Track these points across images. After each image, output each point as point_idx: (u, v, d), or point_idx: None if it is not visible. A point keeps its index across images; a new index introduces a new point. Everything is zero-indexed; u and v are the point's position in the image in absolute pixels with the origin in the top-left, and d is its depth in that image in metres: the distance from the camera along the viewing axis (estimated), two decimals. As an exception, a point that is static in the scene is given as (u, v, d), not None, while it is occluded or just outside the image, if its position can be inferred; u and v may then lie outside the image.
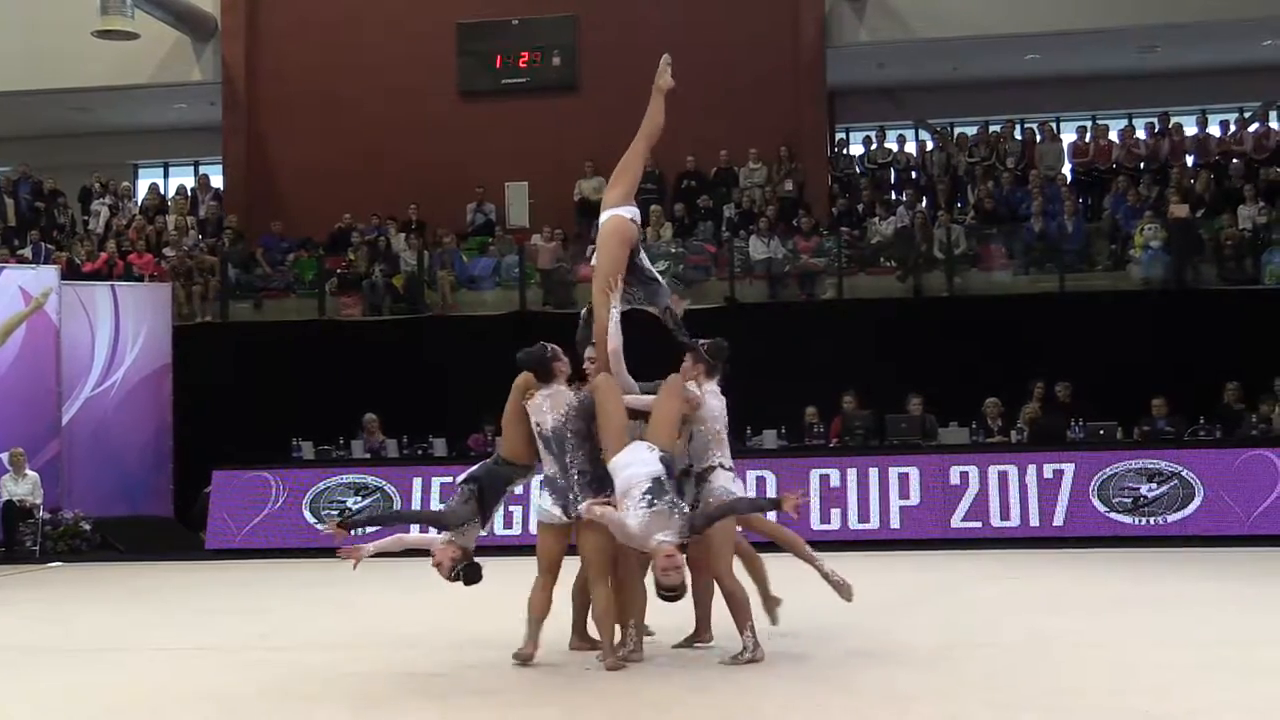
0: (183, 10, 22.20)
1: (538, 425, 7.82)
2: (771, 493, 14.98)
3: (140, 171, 26.31)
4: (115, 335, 18.22)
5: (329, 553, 15.63)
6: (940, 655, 7.92)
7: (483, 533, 8.11)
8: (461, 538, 7.90)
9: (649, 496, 7.26)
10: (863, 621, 9.07)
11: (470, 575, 7.85)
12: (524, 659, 7.74)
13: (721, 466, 7.84)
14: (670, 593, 7.27)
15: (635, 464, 7.41)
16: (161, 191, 23.57)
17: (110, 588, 13.52)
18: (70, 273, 19.06)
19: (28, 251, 20.69)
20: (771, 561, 8.64)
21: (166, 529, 17.71)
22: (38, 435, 17.24)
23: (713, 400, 7.91)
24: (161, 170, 26.27)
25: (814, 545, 14.42)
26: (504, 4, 22.26)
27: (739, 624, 7.70)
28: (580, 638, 8.21)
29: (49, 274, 18.13)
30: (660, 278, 8.42)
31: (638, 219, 8.39)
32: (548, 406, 7.79)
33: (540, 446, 7.86)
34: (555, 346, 7.99)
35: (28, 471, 16.64)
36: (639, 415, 7.80)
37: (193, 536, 17.09)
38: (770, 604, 8.46)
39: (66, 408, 17.73)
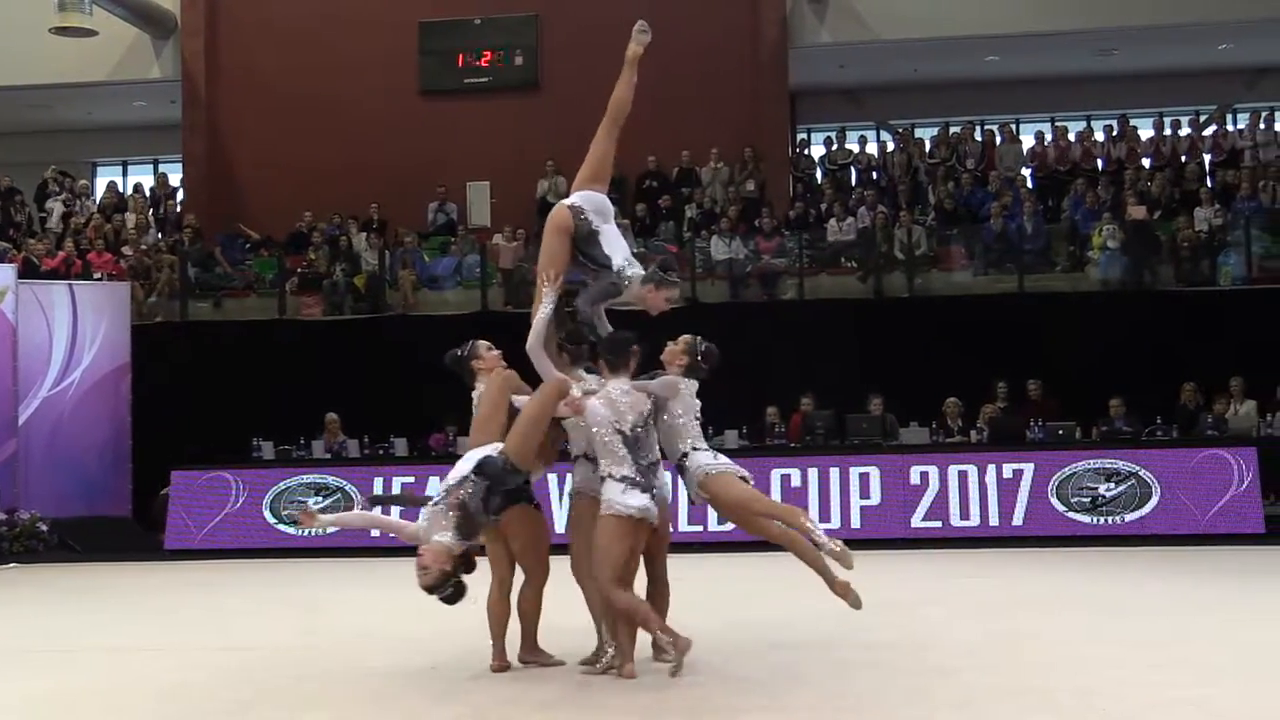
0: (142, 7, 22.05)
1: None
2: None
3: (99, 169, 26.15)
4: (73, 334, 18.07)
5: (289, 553, 15.68)
6: (900, 655, 7.95)
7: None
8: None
9: (435, 497, 7.22)
10: (821, 623, 9.10)
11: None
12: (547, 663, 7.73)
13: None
14: (430, 592, 7.06)
15: (453, 470, 7.28)
16: (120, 190, 23.41)
17: (67, 589, 13.41)
18: (27, 271, 18.89)
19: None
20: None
21: (124, 529, 17.58)
22: (-6, 435, 17.11)
23: (597, 403, 7.37)
24: (120, 168, 26.10)
25: (775, 546, 14.46)
26: (466, 3, 22.23)
27: (614, 631, 7.38)
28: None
29: (6, 272, 17.96)
30: (619, 266, 7.74)
31: (582, 204, 7.90)
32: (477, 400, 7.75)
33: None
34: (482, 343, 7.89)
35: (-16, 472, 16.51)
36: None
37: (151, 537, 16.98)
38: (660, 647, 7.53)
39: (23, 407, 17.56)
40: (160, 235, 21.85)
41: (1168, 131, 21.32)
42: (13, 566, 15.67)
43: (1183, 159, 20.75)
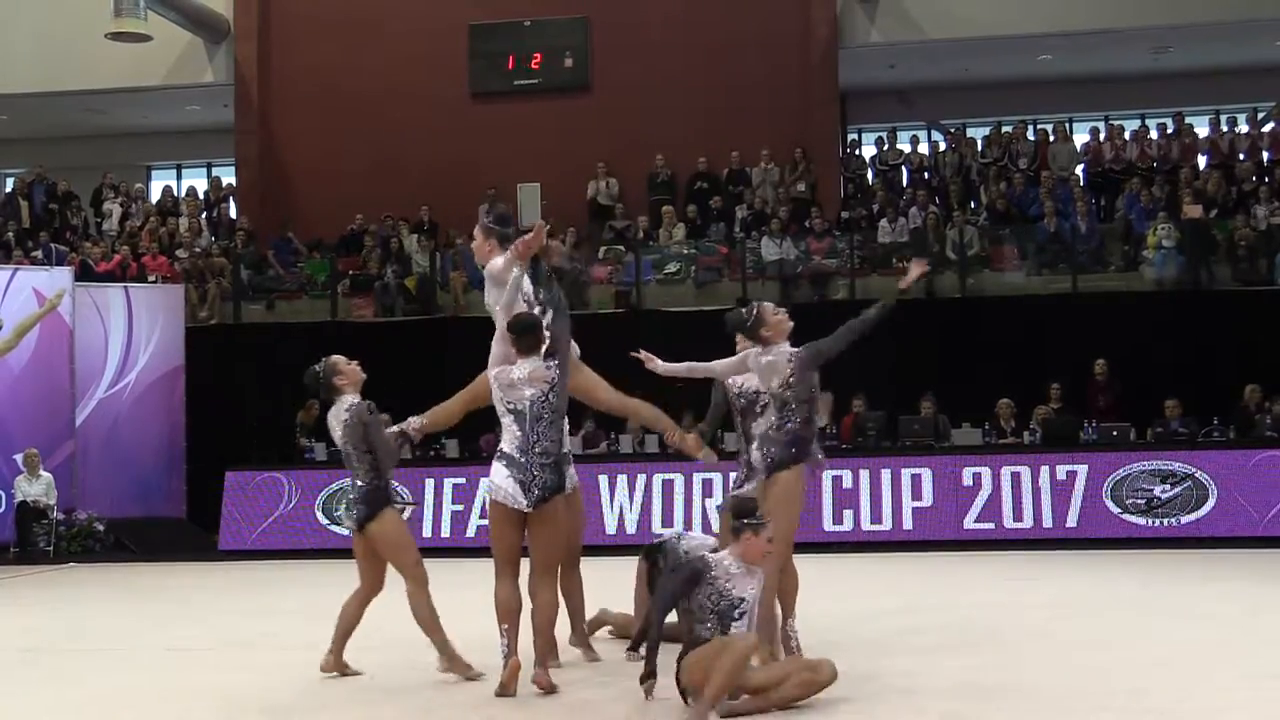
0: (195, 12, 22.25)
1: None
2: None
3: (153, 173, 26.41)
4: (128, 336, 18.26)
5: (342, 553, 15.74)
6: (954, 657, 7.90)
7: None
8: None
9: None
10: (876, 624, 9.06)
11: None
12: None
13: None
14: None
15: None
16: (175, 193, 23.65)
17: (125, 588, 13.55)
18: (84, 274, 19.12)
19: (40, 253, 20.76)
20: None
21: (179, 530, 17.75)
22: (52, 436, 17.28)
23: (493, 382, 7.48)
24: (174, 172, 26.34)
25: (826, 547, 14.43)
26: (516, 5, 22.29)
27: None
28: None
29: (63, 275, 18.19)
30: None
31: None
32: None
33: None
34: (338, 358, 8.28)
35: (42, 472, 16.70)
36: None
37: (206, 537, 17.13)
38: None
39: (80, 409, 17.76)
40: (214, 238, 22.04)
41: (1224, 129, 21.11)
42: (71, 566, 15.85)
43: (1240, 157, 20.54)
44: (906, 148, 22.10)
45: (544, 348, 7.27)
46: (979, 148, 21.72)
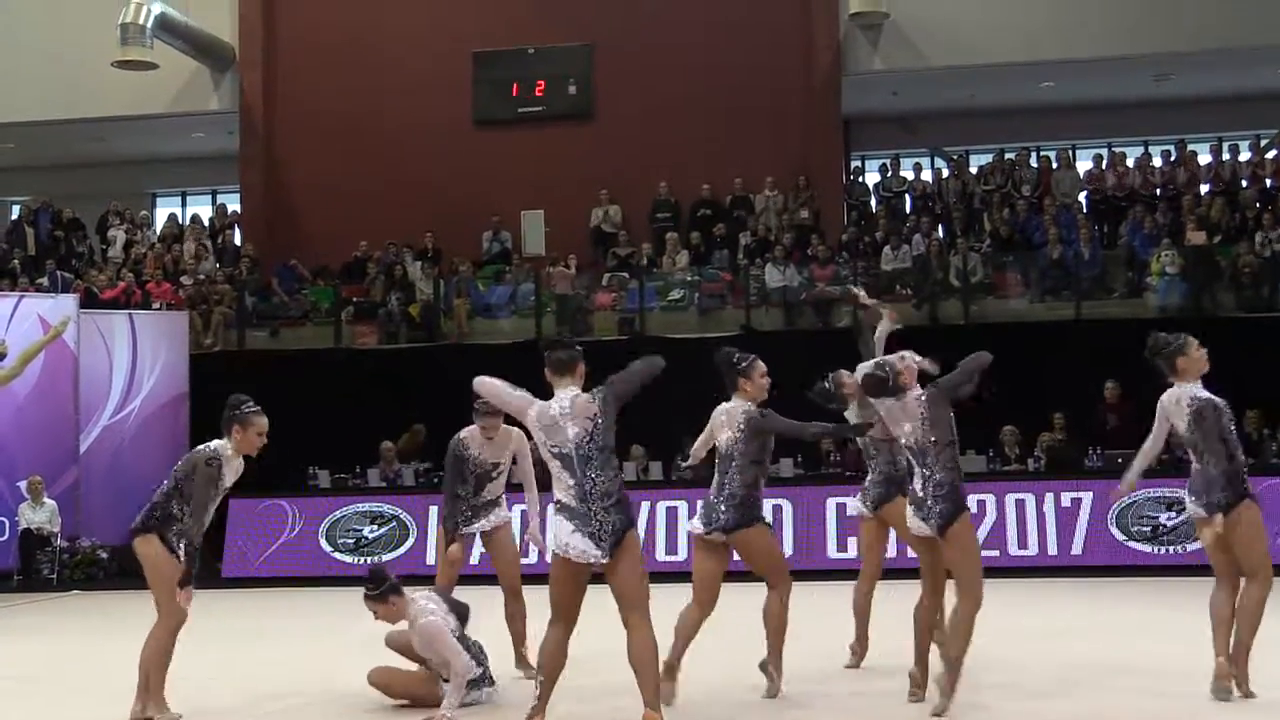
0: (201, 40, 22.34)
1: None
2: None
3: (158, 200, 26.47)
4: (133, 363, 18.28)
5: (345, 581, 15.73)
6: (963, 683, 7.86)
7: None
8: None
9: None
10: (886, 650, 9.03)
11: None
12: None
13: None
14: None
15: None
16: (179, 220, 23.70)
17: (126, 617, 13.49)
18: (88, 301, 19.14)
19: (45, 280, 20.80)
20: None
21: (183, 557, 17.69)
22: (56, 463, 17.30)
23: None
24: (179, 199, 26.40)
25: (832, 574, 14.40)
26: (520, 33, 22.37)
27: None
28: None
29: (67, 302, 18.22)
30: None
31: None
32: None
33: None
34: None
35: (45, 500, 16.70)
36: None
37: (209, 564, 17.08)
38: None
39: (84, 436, 17.78)
40: (218, 265, 22.08)
41: (1226, 156, 21.13)
42: (75, 594, 15.82)
43: (1243, 183, 20.56)
44: (910, 174, 22.12)
45: (580, 373, 6.86)
46: (982, 175, 21.74)
